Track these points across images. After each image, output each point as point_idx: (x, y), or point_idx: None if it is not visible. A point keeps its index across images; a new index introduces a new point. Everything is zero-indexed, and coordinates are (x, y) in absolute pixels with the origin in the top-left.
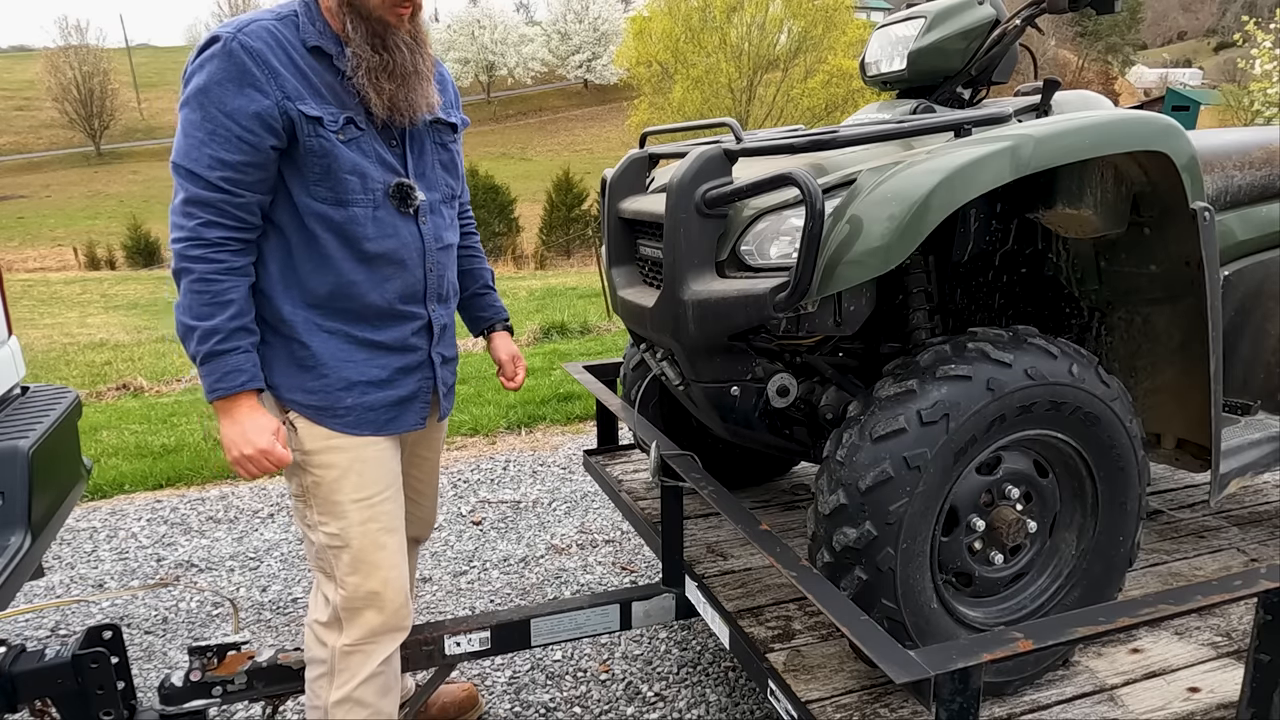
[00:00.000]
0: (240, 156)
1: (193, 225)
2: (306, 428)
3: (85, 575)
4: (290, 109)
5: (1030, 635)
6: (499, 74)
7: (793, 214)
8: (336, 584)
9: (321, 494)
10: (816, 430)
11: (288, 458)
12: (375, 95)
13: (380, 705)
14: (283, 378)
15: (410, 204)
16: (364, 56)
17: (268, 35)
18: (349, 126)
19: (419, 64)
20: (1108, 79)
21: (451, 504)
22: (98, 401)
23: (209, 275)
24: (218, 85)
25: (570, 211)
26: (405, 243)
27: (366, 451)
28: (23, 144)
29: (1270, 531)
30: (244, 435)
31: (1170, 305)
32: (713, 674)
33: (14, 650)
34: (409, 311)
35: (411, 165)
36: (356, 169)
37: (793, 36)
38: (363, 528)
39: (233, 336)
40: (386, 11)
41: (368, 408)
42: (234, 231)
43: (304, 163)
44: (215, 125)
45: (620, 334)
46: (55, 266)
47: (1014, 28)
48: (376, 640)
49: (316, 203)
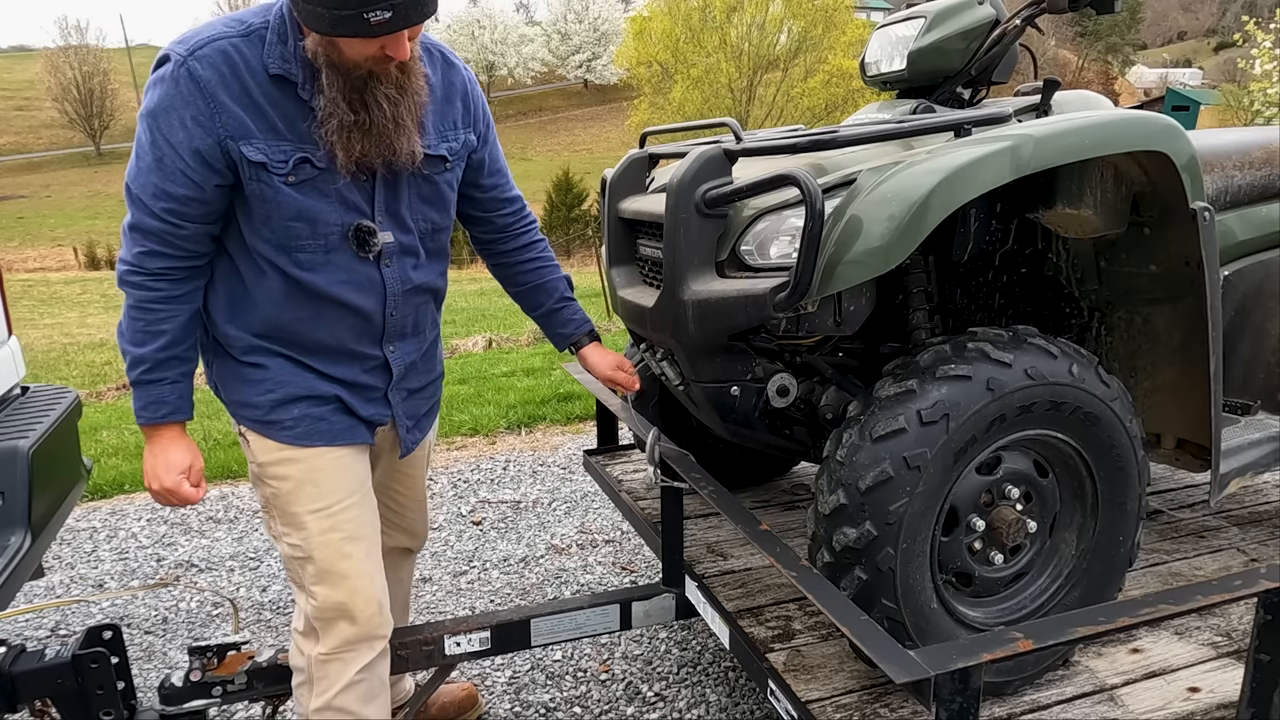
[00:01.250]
0: (183, 190)
1: (135, 252)
2: (257, 440)
3: (85, 575)
4: (232, 149)
5: (1030, 635)
6: (499, 74)
7: (793, 214)
8: (307, 595)
9: (280, 505)
10: (816, 430)
11: (194, 497)
12: (343, 153)
13: (363, 713)
14: (230, 393)
15: (370, 249)
16: (336, 112)
17: (222, 61)
18: (303, 166)
19: (401, 116)
20: (1108, 79)
21: (451, 504)
22: (98, 401)
23: (145, 303)
24: (164, 111)
25: (570, 211)
26: (361, 287)
27: (320, 461)
28: (23, 144)
29: (1270, 531)
30: (154, 470)
31: (1170, 305)
32: (713, 674)
33: (14, 650)
34: (361, 352)
35: (381, 202)
36: (304, 215)
37: (793, 36)
38: (323, 538)
39: (160, 367)
40: (371, 66)
41: (316, 418)
42: (176, 261)
43: (248, 203)
44: (161, 154)
45: (620, 334)
46: (55, 266)
47: (1014, 28)
48: (352, 649)
49: (261, 243)
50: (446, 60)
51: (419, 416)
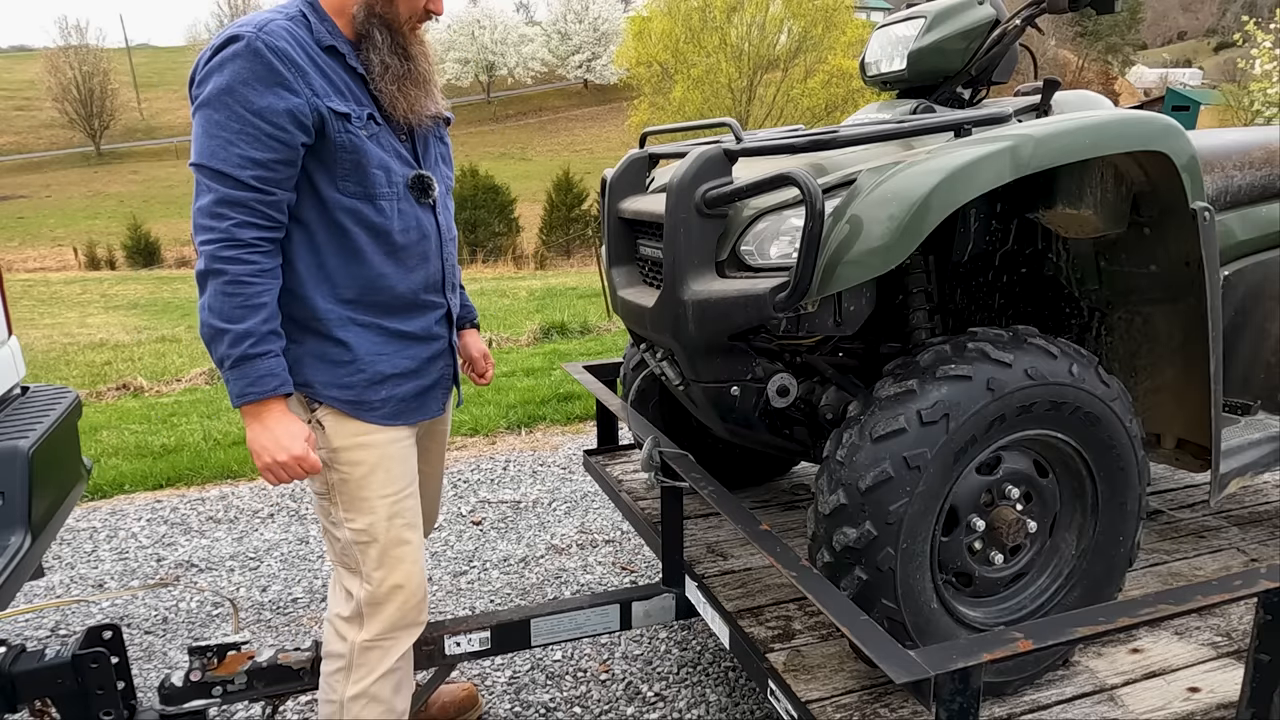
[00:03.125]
0: (271, 155)
1: (225, 226)
2: (336, 424)
3: (85, 575)
4: (320, 106)
5: (1030, 635)
6: (499, 74)
7: (793, 214)
8: (362, 579)
9: (349, 490)
10: (816, 430)
11: (319, 465)
12: (403, 100)
13: (394, 702)
14: (316, 374)
15: (429, 195)
16: (391, 64)
17: (288, 34)
18: (370, 123)
19: (430, 72)
20: (1108, 79)
21: (451, 504)
22: (98, 401)
23: (243, 277)
24: (243, 85)
25: (570, 211)
26: (427, 234)
27: (393, 448)
28: (23, 144)
29: (1270, 531)
30: (277, 442)
31: (1170, 305)
32: (713, 674)
33: (14, 650)
34: (431, 301)
35: (422, 159)
36: (382, 164)
37: (793, 36)
38: (389, 523)
39: (265, 340)
40: (414, 21)
41: (400, 399)
42: (266, 231)
43: (334, 158)
44: (244, 124)
45: (620, 334)
46: (55, 266)
47: (1014, 28)
48: (395, 635)
49: (346, 198)
50: None
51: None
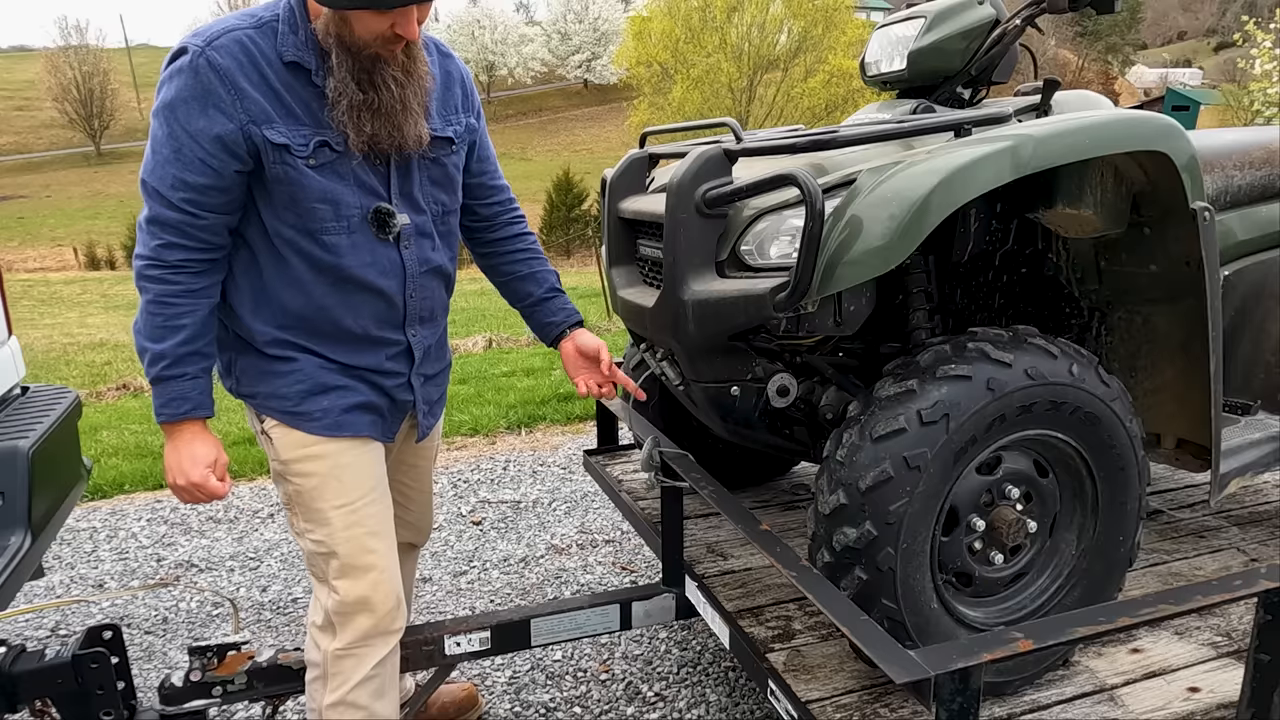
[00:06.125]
0: (203, 179)
1: (153, 245)
2: (283, 436)
3: (85, 575)
4: (255, 133)
5: (1030, 635)
6: (499, 74)
7: (793, 214)
8: (329, 589)
9: (304, 502)
10: (816, 430)
11: (220, 491)
12: (354, 134)
13: (375, 708)
14: (256, 386)
15: (389, 230)
16: (346, 92)
17: (239, 50)
18: (322, 150)
19: (408, 99)
20: (1108, 79)
21: (451, 504)
22: (98, 401)
23: (165, 298)
24: (183, 103)
25: (570, 211)
26: (384, 270)
27: (344, 458)
28: (23, 144)
29: (1270, 531)
30: (179, 465)
31: (1170, 305)
32: (713, 674)
33: (14, 650)
34: (385, 338)
35: (396, 186)
36: (327, 197)
37: (793, 36)
38: (347, 533)
39: (181, 363)
40: (379, 47)
41: (344, 409)
42: (195, 253)
43: (270, 188)
44: (179, 144)
45: (620, 334)
46: (55, 266)
47: (1014, 28)
48: (368, 644)
49: (285, 227)
50: (441, 51)
51: (433, 401)
